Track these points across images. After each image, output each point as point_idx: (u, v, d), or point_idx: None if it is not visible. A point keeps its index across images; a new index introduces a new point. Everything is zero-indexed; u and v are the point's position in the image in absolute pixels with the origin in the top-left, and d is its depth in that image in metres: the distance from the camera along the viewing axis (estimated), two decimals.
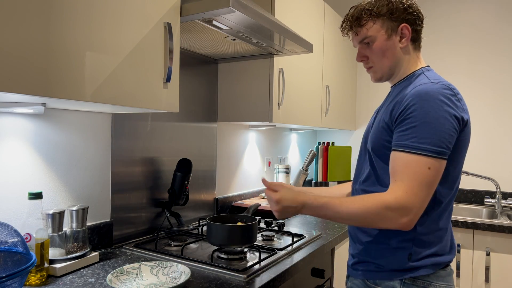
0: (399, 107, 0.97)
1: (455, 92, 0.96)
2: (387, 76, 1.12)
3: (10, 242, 0.89)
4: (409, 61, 1.10)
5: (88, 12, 0.93)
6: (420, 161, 0.90)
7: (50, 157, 1.24)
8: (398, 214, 0.90)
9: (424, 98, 0.92)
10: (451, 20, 2.67)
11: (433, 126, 0.90)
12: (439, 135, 0.90)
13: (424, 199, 0.91)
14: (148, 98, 1.11)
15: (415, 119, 0.92)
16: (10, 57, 0.76)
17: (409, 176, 0.91)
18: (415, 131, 0.92)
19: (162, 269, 1.12)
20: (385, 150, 1.03)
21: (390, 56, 1.09)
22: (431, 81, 0.97)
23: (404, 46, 1.08)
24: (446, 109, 0.91)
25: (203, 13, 1.21)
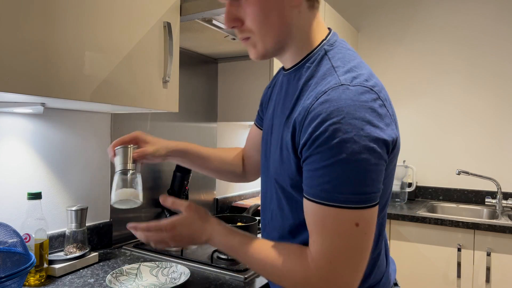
0: (304, 129, 0.65)
1: (378, 93, 0.65)
2: (272, 51, 0.75)
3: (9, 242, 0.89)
4: (306, 29, 0.74)
5: (87, 11, 0.92)
6: (342, 217, 0.62)
7: (49, 157, 1.23)
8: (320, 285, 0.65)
9: (338, 119, 0.60)
10: (450, 19, 2.67)
11: (355, 164, 0.60)
12: (364, 176, 0.61)
13: (357, 269, 0.64)
14: (148, 97, 1.11)
15: (327, 154, 0.61)
16: (9, 57, 0.76)
17: (331, 238, 0.63)
18: (328, 174, 0.61)
19: (161, 269, 1.12)
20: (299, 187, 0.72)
21: (276, 21, 0.71)
22: (341, 82, 0.65)
23: (295, 6, 0.71)
24: (369, 134, 0.61)
25: (202, 12, 1.21)
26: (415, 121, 2.77)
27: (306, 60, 0.75)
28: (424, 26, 2.74)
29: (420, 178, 2.75)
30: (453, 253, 2.05)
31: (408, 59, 2.80)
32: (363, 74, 0.67)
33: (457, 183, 2.64)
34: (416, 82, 2.77)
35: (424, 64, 2.75)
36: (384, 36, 2.88)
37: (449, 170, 2.66)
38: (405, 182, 2.56)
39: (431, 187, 2.70)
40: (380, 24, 2.89)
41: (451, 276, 2.06)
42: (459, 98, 2.64)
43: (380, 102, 0.64)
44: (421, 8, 2.76)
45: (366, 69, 0.69)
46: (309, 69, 0.73)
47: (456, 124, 2.65)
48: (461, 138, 2.63)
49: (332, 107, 0.62)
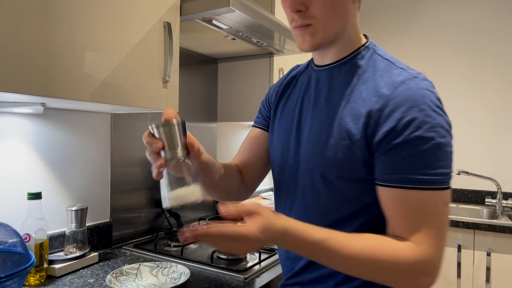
0: (385, 117, 0.67)
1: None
2: (328, 41, 0.75)
3: (9, 242, 0.89)
4: (354, 26, 0.78)
5: (87, 11, 0.92)
6: (437, 199, 0.65)
7: (49, 157, 1.23)
8: (421, 274, 0.65)
9: (425, 106, 0.65)
10: (450, 19, 2.66)
11: (444, 147, 0.65)
12: (450, 157, 0.66)
13: (444, 247, 0.68)
14: (148, 97, 1.11)
15: (422, 139, 0.64)
16: (9, 57, 0.76)
17: (431, 223, 0.65)
18: (424, 158, 0.64)
19: (161, 269, 1.12)
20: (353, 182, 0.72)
21: (340, 11, 0.73)
22: (413, 75, 0.70)
23: (355, 2, 0.75)
24: (448, 120, 0.68)
25: (203, 12, 1.21)
26: None
27: (353, 56, 0.78)
28: (424, 26, 2.74)
29: None
30: (453, 253, 2.05)
31: (408, 59, 2.80)
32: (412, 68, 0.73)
33: (457, 183, 2.64)
34: None
35: (424, 63, 2.74)
36: (384, 36, 2.88)
37: None
38: None
39: None
40: (380, 24, 2.89)
41: (451, 276, 2.06)
42: (459, 98, 2.64)
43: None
44: (421, 7, 2.76)
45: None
46: (361, 65, 0.76)
47: (456, 124, 2.64)
48: (461, 138, 2.63)
49: (417, 95, 0.66)
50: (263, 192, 2.37)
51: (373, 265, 0.65)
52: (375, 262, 0.64)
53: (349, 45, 0.78)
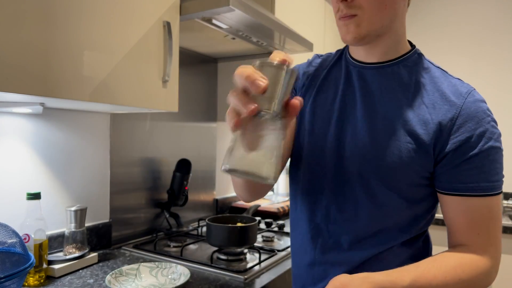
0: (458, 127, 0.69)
1: None
2: (374, 35, 0.72)
3: (9, 242, 0.89)
4: (403, 26, 0.76)
5: (86, 11, 0.92)
6: (498, 203, 0.71)
7: (48, 157, 1.23)
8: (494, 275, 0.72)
9: (492, 117, 0.72)
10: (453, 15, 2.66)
11: (501, 154, 0.72)
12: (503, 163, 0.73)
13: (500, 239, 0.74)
14: (147, 97, 1.11)
15: (494, 149, 0.70)
16: (8, 57, 0.76)
17: (496, 227, 0.71)
18: (495, 166, 0.70)
19: (161, 270, 1.12)
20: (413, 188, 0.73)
21: (389, 6, 0.70)
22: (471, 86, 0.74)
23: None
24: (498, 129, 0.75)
25: (202, 12, 1.21)
26: None
27: (404, 59, 0.77)
28: (425, 24, 2.74)
29: None
30: None
31: None
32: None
33: None
34: None
35: None
36: None
37: None
38: None
39: None
40: None
41: None
42: None
43: None
44: (422, 6, 2.76)
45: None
46: (415, 69, 0.76)
47: None
48: None
49: (484, 107, 0.71)
50: None
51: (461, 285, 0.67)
52: (462, 282, 0.67)
53: (397, 45, 0.76)
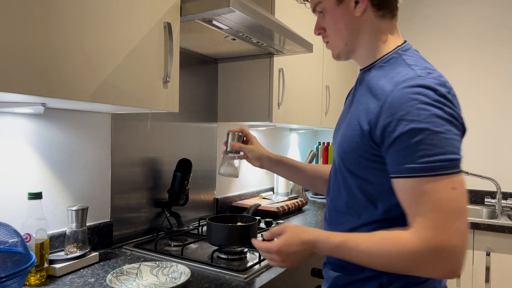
0: (384, 114, 0.73)
1: (449, 88, 0.75)
2: (345, 53, 0.90)
3: (10, 242, 0.89)
4: (375, 36, 0.85)
5: (87, 11, 0.92)
6: (440, 185, 0.68)
7: (49, 157, 1.23)
8: (434, 260, 0.68)
9: (418, 101, 0.70)
10: (454, 13, 2.67)
11: (442, 135, 0.68)
12: (451, 144, 0.69)
13: (462, 231, 0.67)
14: (148, 98, 1.11)
15: (416, 131, 0.69)
16: (10, 57, 0.76)
17: (430, 207, 0.68)
18: (420, 147, 0.68)
19: (162, 269, 1.12)
20: (361, 168, 0.80)
21: (343, 28, 0.86)
22: (418, 74, 0.73)
23: (361, 14, 0.84)
24: (448, 111, 0.70)
25: (203, 13, 1.21)
26: None
27: (380, 60, 0.85)
28: (424, 25, 2.75)
29: None
30: None
31: None
32: (437, 72, 0.76)
33: None
34: None
35: None
36: None
37: None
38: None
39: None
40: None
41: None
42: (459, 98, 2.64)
43: (451, 96, 0.73)
44: (421, 7, 2.76)
45: (436, 70, 0.78)
46: (383, 67, 0.83)
47: None
48: None
49: (412, 91, 0.71)
50: (263, 192, 2.37)
51: (384, 256, 0.71)
52: (384, 253, 0.71)
53: (373, 52, 0.87)
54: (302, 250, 0.81)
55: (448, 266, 0.67)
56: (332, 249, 0.78)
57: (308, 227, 0.85)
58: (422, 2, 2.76)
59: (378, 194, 0.79)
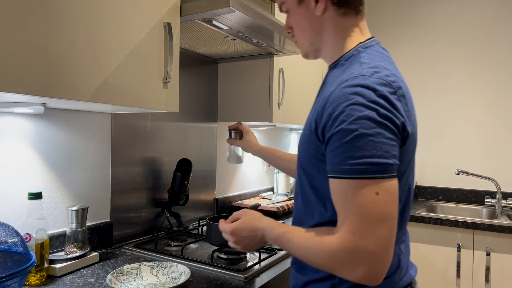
0: (324, 113, 0.72)
1: (395, 88, 0.71)
2: (312, 52, 0.90)
3: (10, 242, 0.89)
4: (338, 34, 0.84)
5: (87, 11, 0.93)
6: (363, 188, 0.66)
7: (50, 157, 1.24)
8: (350, 263, 0.67)
9: (353, 101, 0.68)
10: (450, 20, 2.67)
11: (371, 138, 0.66)
12: (380, 148, 0.66)
13: (381, 238, 0.66)
14: (148, 98, 1.11)
15: (345, 132, 0.67)
16: (10, 57, 0.76)
17: (352, 210, 0.67)
18: (347, 149, 0.67)
19: (162, 269, 1.12)
20: (312, 167, 0.79)
21: (306, 27, 0.86)
22: (362, 73, 0.71)
23: (321, 13, 0.83)
24: (383, 113, 0.68)
25: (203, 13, 1.21)
26: None
27: (342, 58, 0.84)
28: (424, 27, 2.75)
29: (419, 178, 2.75)
30: (452, 253, 2.06)
31: (408, 59, 2.80)
32: (386, 71, 0.73)
33: (456, 183, 2.64)
34: (416, 82, 2.78)
35: (424, 64, 2.75)
36: (384, 37, 2.88)
37: (449, 170, 2.67)
38: None
39: (431, 187, 2.71)
40: (381, 25, 2.89)
41: (451, 276, 2.06)
42: (459, 99, 2.64)
43: (395, 96, 0.70)
44: (421, 8, 2.76)
45: (391, 69, 0.75)
46: (343, 65, 0.81)
47: (455, 124, 2.65)
48: (460, 138, 2.63)
49: (350, 91, 0.69)
50: (263, 192, 2.37)
51: (309, 253, 0.73)
52: (310, 250, 0.73)
53: (336, 50, 0.85)
54: (253, 236, 0.86)
55: (363, 271, 0.66)
56: (275, 238, 0.82)
57: (265, 216, 0.88)
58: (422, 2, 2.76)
59: (327, 194, 0.76)
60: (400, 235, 0.81)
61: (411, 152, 0.77)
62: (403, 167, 0.76)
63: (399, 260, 0.81)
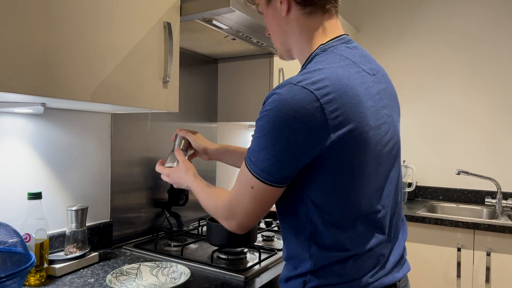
0: None
1: (319, 96, 0.70)
2: (285, 53, 0.91)
3: (10, 242, 0.89)
4: (304, 34, 0.84)
5: (87, 11, 0.92)
6: (248, 175, 0.77)
7: (49, 157, 1.23)
8: (224, 215, 0.85)
9: (273, 108, 0.71)
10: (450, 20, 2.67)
11: (269, 148, 0.72)
12: (275, 163, 0.73)
13: (248, 210, 0.79)
14: (148, 98, 1.11)
15: (258, 130, 0.75)
16: (9, 57, 0.76)
17: (239, 182, 0.81)
18: (253, 143, 0.77)
19: (161, 269, 1.12)
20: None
21: (275, 28, 0.87)
22: (290, 81, 0.73)
23: (286, 14, 0.83)
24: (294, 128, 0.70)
25: (203, 12, 1.21)
26: (414, 121, 2.77)
27: (306, 61, 0.84)
28: (423, 27, 2.75)
29: (420, 178, 2.75)
30: (453, 253, 2.05)
31: (407, 59, 2.80)
32: (317, 77, 0.72)
33: (457, 183, 2.64)
34: (416, 82, 2.78)
35: (424, 64, 2.75)
36: (384, 36, 2.88)
37: (449, 170, 2.66)
38: (405, 182, 2.56)
39: (431, 187, 2.71)
40: (380, 24, 2.89)
41: (451, 276, 2.06)
42: (459, 99, 2.64)
43: (317, 105, 0.70)
44: (421, 8, 2.76)
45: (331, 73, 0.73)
46: (303, 69, 0.79)
47: (455, 124, 2.65)
48: (460, 138, 2.63)
49: (271, 99, 0.73)
50: None
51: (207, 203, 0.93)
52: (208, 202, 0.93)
53: (303, 52, 0.86)
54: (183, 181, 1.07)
55: (232, 224, 0.84)
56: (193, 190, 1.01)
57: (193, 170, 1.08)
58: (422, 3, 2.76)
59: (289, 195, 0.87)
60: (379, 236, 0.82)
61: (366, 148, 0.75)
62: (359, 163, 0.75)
63: (377, 260, 0.81)
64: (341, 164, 0.74)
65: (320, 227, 0.79)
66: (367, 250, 0.79)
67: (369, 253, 0.80)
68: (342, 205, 0.77)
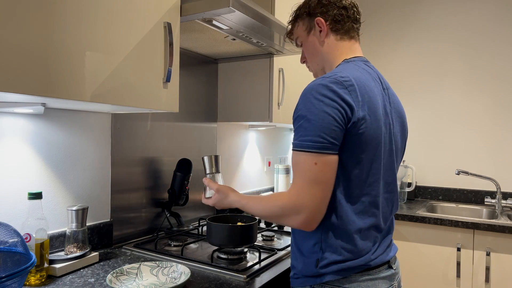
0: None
1: (346, 84, 0.90)
2: (319, 71, 1.12)
3: (10, 242, 0.89)
4: (334, 54, 1.07)
5: (88, 11, 0.93)
6: (306, 159, 0.88)
7: (50, 157, 1.24)
8: (292, 213, 0.90)
9: (307, 95, 0.90)
10: (449, 20, 2.67)
11: (314, 122, 0.88)
12: (320, 130, 0.87)
13: (315, 197, 0.88)
14: (148, 98, 1.11)
15: (300, 118, 0.90)
16: (10, 57, 0.76)
17: (298, 174, 0.90)
18: (300, 130, 0.90)
19: (162, 269, 1.12)
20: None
21: (314, 53, 1.09)
22: (324, 76, 0.93)
23: (323, 40, 1.07)
24: (328, 103, 0.88)
25: (203, 13, 1.21)
26: (414, 121, 2.77)
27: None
28: (423, 27, 2.75)
29: (419, 178, 2.76)
30: (452, 253, 2.06)
31: (407, 60, 2.80)
32: (344, 73, 0.93)
33: (456, 183, 2.64)
34: (416, 82, 2.78)
35: (424, 64, 2.75)
36: (384, 37, 2.88)
37: (449, 170, 2.67)
38: (404, 182, 2.56)
39: (431, 187, 2.71)
40: (380, 25, 2.89)
41: (451, 276, 2.06)
42: (459, 99, 2.65)
43: (345, 90, 0.90)
44: (420, 9, 2.76)
45: (352, 73, 0.94)
46: None
47: (455, 124, 2.65)
48: (460, 138, 2.63)
49: (307, 89, 0.92)
50: (263, 192, 2.37)
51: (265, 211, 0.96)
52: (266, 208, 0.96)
53: (331, 67, 1.08)
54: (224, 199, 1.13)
55: (302, 219, 0.89)
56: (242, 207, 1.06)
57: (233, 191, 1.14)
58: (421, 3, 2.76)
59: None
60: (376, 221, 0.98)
61: (370, 142, 0.92)
62: (364, 155, 0.92)
63: (374, 242, 0.98)
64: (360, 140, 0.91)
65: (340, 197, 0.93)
66: (367, 228, 0.96)
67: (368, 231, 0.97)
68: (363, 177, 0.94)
